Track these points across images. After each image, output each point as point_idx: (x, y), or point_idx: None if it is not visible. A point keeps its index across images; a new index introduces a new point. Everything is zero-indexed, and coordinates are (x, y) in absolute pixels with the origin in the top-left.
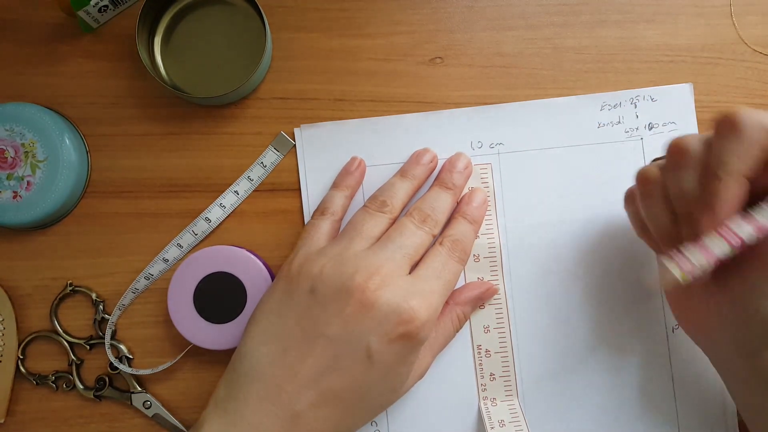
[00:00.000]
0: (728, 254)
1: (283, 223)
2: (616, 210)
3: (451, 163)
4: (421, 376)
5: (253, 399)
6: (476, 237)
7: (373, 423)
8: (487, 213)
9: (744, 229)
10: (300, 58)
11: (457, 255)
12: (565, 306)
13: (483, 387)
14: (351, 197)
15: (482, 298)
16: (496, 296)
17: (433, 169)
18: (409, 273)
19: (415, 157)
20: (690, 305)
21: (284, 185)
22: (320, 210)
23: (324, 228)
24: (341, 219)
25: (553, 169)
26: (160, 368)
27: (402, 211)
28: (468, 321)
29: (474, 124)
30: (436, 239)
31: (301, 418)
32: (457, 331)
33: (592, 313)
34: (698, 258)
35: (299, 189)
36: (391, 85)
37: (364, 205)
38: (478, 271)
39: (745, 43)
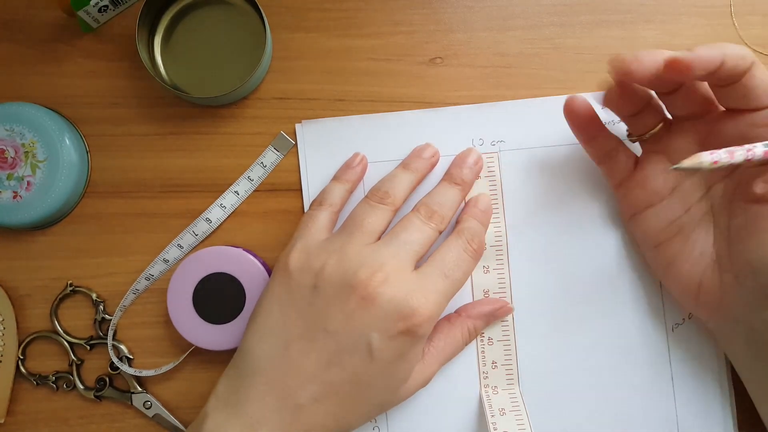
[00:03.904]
0: (741, 162)
1: (283, 223)
2: (617, 208)
3: (461, 158)
4: (424, 384)
5: (255, 393)
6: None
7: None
8: (494, 201)
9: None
10: (300, 58)
11: (474, 248)
12: (564, 304)
13: (485, 375)
14: (351, 191)
15: (495, 315)
16: (500, 285)
17: (434, 165)
18: (415, 268)
19: (417, 152)
20: (704, 288)
21: (284, 185)
22: (318, 201)
23: (322, 220)
24: (339, 211)
25: (554, 167)
26: (164, 369)
27: (403, 203)
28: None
29: (476, 122)
30: (443, 234)
31: (303, 411)
32: (467, 344)
33: (592, 310)
34: (722, 155)
35: (299, 189)
36: (391, 85)
37: (366, 197)
38: (484, 259)
39: (745, 43)
